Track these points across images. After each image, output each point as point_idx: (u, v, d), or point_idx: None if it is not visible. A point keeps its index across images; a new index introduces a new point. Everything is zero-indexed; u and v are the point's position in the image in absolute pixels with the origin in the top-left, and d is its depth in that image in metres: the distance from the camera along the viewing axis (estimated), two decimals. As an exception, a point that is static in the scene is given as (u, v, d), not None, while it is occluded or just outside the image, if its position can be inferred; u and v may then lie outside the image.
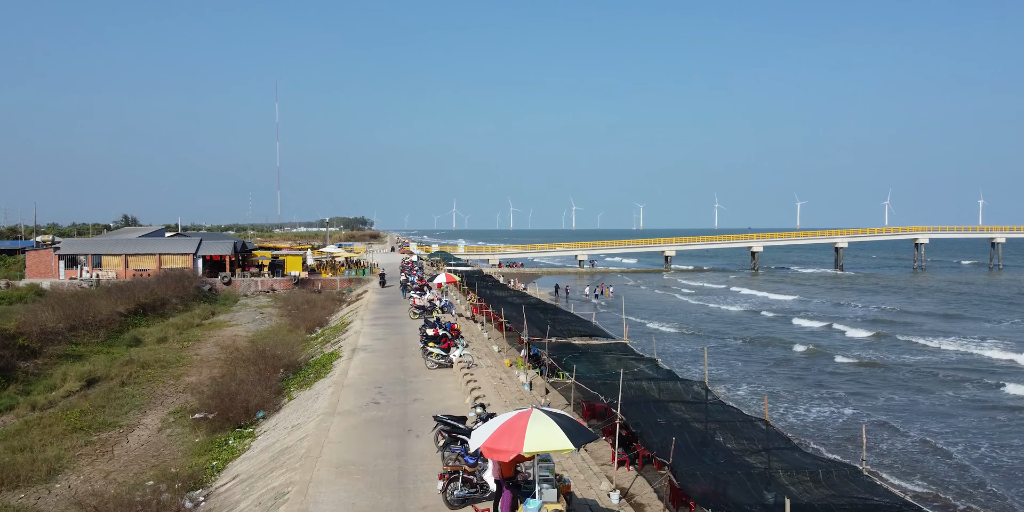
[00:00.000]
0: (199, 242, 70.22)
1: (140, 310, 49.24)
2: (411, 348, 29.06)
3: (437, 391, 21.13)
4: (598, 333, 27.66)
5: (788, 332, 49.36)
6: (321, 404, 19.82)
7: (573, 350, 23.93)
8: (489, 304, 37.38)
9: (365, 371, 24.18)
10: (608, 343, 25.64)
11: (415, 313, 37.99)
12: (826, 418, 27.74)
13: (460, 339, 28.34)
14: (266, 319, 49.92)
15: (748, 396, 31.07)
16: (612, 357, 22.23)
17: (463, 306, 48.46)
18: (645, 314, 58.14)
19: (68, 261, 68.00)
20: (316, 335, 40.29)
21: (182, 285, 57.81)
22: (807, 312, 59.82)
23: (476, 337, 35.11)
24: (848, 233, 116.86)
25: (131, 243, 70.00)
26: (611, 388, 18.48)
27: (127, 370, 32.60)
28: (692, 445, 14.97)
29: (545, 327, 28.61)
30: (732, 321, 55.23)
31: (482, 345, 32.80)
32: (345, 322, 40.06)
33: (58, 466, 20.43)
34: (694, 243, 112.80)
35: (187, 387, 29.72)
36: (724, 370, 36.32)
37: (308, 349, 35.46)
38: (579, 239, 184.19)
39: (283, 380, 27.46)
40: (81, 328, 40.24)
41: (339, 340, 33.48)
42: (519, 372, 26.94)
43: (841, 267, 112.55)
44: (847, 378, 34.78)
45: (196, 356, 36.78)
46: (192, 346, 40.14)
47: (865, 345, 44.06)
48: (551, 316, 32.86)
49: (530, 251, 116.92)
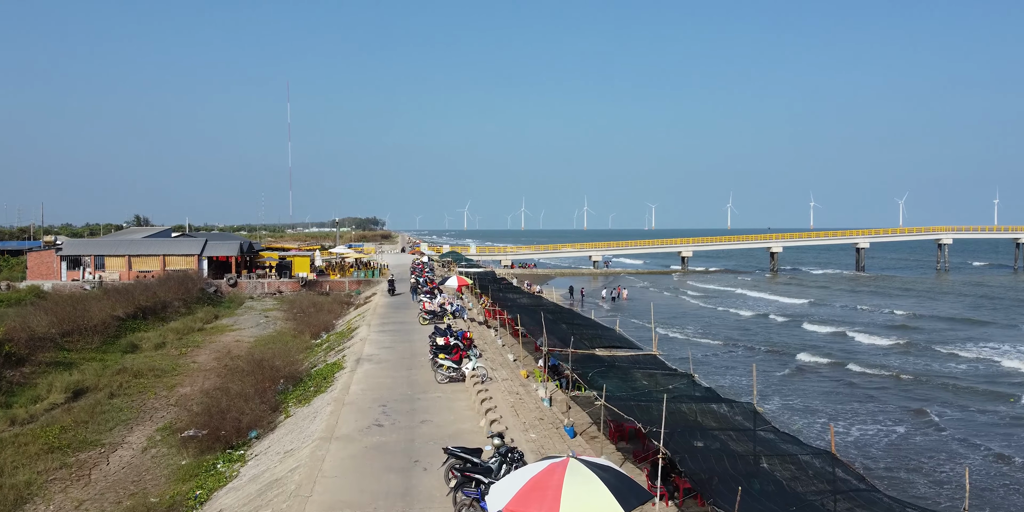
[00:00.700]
0: (204, 243, 68.32)
1: (139, 314, 47.31)
2: (420, 358, 26.87)
3: (448, 410, 18.90)
4: (624, 343, 25.35)
5: (815, 338, 46.86)
6: (318, 426, 17.63)
7: (597, 363, 21.63)
8: (504, 309, 35.15)
9: (369, 386, 21.98)
10: (636, 354, 23.31)
11: (425, 318, 35.83)
12: (872, 437, 25.35)
13: (473, 349, 26.12)
14: (270, 323, 47.87)
15: (780, 410, 28.75)
16: (643, 372, 19.92)
17: (475, 310, 46.27)
18: (664, 319, 55.72)
19: (70, 262, 66.22)
20: (321, 341, 38.19)
21: (185, 287, 55.89)
22: (833, 317, 57.19)
23: (490, 344, 32.91)
24: (870, 233, 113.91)
25: (135, 244, 68.20)
26: (646, 409, 16.24)
27: (118, 380, 30.57)
28: (739, 476, 12.75)
29: (564, 336, 26.37)
30: (753, 326, 52.76)
31: (496, 353, 30.60)
32: (351, 327, 37.94)
33: (27, 493, 18.35)
34: (711, 243, 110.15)
35: (179, 399, 27.66)
36: (748, 379, 33.92)
37: (311, 357, 33.34)
38: (591, 239, 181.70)
39: (282, 393, 25.33)
40: (75, 333, 38.27)
41: (344, 348, 31.34)
42: (537, 385, 24.72)
43: (862, 268, 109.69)
44: (888, 390, 32.34)
45: (193, 364, 34.73)
46: (190, 353, 38.11)
47: (900, 353, 41.50)
48: (569, 322, 30.58)
49: (543, 252, 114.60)
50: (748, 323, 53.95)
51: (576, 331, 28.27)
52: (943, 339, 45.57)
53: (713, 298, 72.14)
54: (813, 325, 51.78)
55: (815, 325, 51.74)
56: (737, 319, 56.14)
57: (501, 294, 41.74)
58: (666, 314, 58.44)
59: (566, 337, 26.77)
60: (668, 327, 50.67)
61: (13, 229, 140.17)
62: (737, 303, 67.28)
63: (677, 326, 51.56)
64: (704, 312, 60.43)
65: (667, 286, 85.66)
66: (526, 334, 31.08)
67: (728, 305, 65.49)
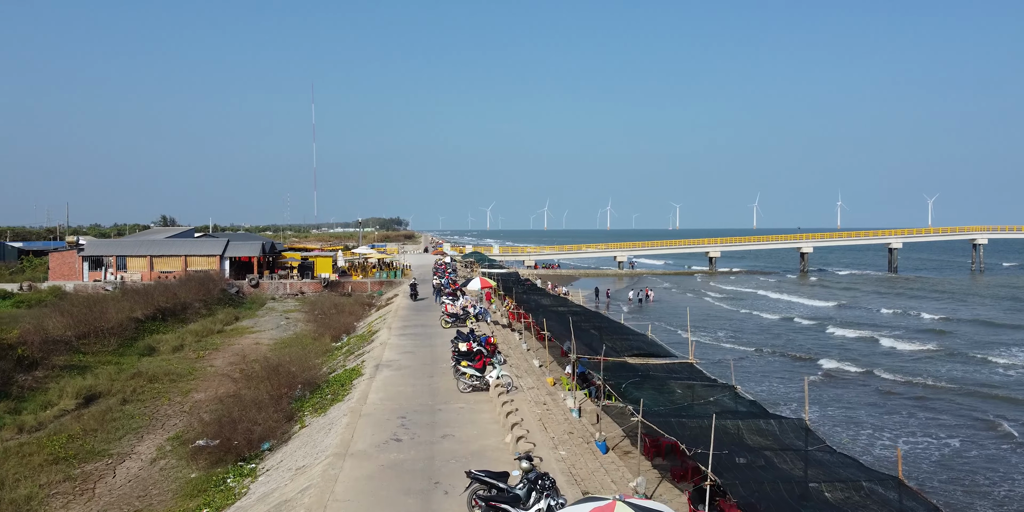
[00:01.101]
0: (226, 243, 67.75)
1: (158, 315, 46.62)
2: (441, 364, 25.66)
3: (471, 423, 17.64)
4: (657, 350, 23.92)
5: (848, 343, 45.00)
6: (332, 440, 16.45)
7: (630, 372, 20.27)
8: (528, 312, 33.85)
9: (388, 394, 20.80)
10: (670, 363, 21.88)
11: (447, 321, 34.64)
12: (923, 451, 23.74)
13: (497, 355, 24.87)
14: (291, 325, 46.98)
15: (821, 420, 27.17)
16: (681, 383, 18.51)
17: (499, 312, 45.04)
18: (692, 323, 54.08)
19: (92, 263, 65.95)
20: (341, 344, 37.15)
21: (205, 288, 55.22)
22: (866, 321, 55.23)
23: (514, 348, 31.67)
24: (903, 233, 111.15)
25: (156, 244, 67.78)
26: (687, 426, 14.89)
27: (132, 385, 29.70)
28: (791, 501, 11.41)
29: (593, 341, 25.03)
30: (783, 330, 50.99)
31: (521, 359, 29.35)
32: (372, 330, 36.85)
33: (27, 509, 17.36)
34: (740, 244, 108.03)
35: (193, 406, 26.68)
36: (785, 387, 32.38)
37: (330, 362, 32.28)
38: (614, 239, 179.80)
39: (298, 400, 24.23)
40: (91, 336, 37.55)
41: (363, 352, 30.23)
42: (564, 394, 23.42)
43: (895, 269, 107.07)
44: (933, 399, 30.58)
45: (210, 368, 33.81)
46: (208, 356, 37.24)
47: (941, 359, 39.55)
48: (597, 326, 29.21)
49: (567, 252, 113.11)
50: (778, 327, 52.19)
51: (605, 336, 26.92)
52: (985, 344, 43.58)
53: (741, 300, 70.32)
54: (846, 329, 49.92)
55: (848, 329, 49.88)
56: (767, 322, 54.39)
57: (525, 296, 40.47)
58: (693, 317, 56.83)
59: (594, 343, 25.45)
60: (695, 331, 49.08)
61: (40, 230, 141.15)
62: (766, 305, 65.43)
63: (705, 330, 49.95)
64: (732, 315, 58.70)
65: (694, 287, 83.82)
66: (551, 338, 29.79)
67: (757, 307, 63.69)
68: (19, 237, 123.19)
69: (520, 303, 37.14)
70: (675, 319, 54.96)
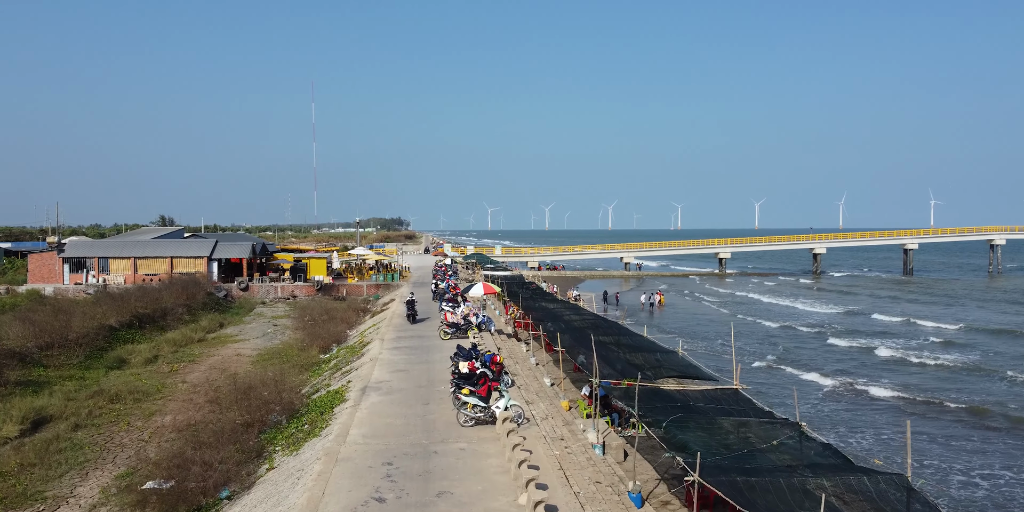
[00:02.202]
0: (214, 244, 64.25)
1: (135, 322, 43.16)
2: (439, 386, 22.18)
3: (474, 474, 14.13)
4: (694, 372, 20.42)
5: (893, 364, 41.40)
6: (298, 499, 12.95)
7: (665, 401, 16.79)
8: (537, 322, 30.34)
9: (373, 429, 17.30)
10: (712, 389, 18.39)
11: (446, 332, 31.12)
12: (1008, 491, 20.22)
13: (504, 376, 21.40)
14: (278, 333, 43.50)
15: (877, 447, 23.68)
16: (732, 420, 15.00)
17: (503, 319, 41.59)
18: (706, 332, 50.65)
19: (73, 265, 62.51)
20: (329, 357, 33.69)
21: (188, 292, 51.73)
22: (893, 330, 51.68)
23: (521, 362, 28.19)
24: (919, 233, 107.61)
25: (141, 245, 64.29)
26: (756, 487, 11.43)
27: (89, 406, 26.24)
28: None
29: (614, 359, 21.56)
30: (810, 341, 47.47)
31: (530, 375, 25.89)
32: (363, 341, 33.37)
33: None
34: (750, 244, 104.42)
35: (154, 433, 23.21)
36: (823, 411, 28.89)
37: (315, 378, 28.81)
38: (616, 240, 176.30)
39: (272, 429, 20.74)
40: (55, 347, 34.11)
41: (351, 369, 26.74)
42: (583, 422, 19.98)
43: (911, 271, 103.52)
44: (1003, 431, 27.05)
45: (182, 384, 30.33)
46: (183, 369, 33.79)
47: (994, 379, 36.02)
48: (616, 339, 25.74)
49: (571, 253, 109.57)
50: (805, 338, 48.58)
51: (628, 352, 23.46)
52: None
53: (756, 305, 66.77)
54: (876, 340, 46.35)
55: (877, 340, 46.35)
56: (791, 332, 50.82)
57: (533, 302, 37.00)
58: (705, 324, 53.31)
59: (616, 360, 21.98)
60: (712, 340, 45.59)
61: (35, 230, 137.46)
62: (785, 312, 61.81)
63: (724, 339, 46.41)
64: (752, 324, 55.16)
65: (705, 290, 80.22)
66: (562, 350, 26.37)
67: (775, 314, 60.13)
68: (12, 237, 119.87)
69: (527, 311, 33.66)
70: (693, 327, 51.46)
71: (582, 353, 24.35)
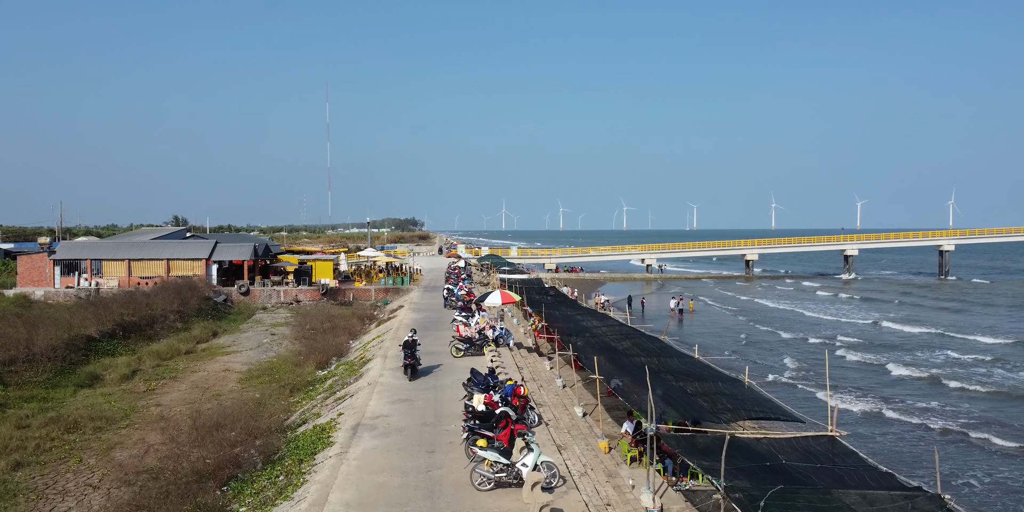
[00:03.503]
0: (214, 245, 60.47)
1: (119, 331, 39.36)
2: (448, 421, 18.06)
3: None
4: (772, 411, 16.13)
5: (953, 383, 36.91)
6: None
7: (748, 456, 12.60)
8: (565, 339, 26.13)
9: (361, 494, 13.19)
10: (801, 436, 14.16)
11: (458, 348, 26.96)
12: None
13: (528, 413, 17.32)
14: (274, 344, 39.56)
15: (993, 495, 19.39)
16: (855, 495, 10.77)
17: (522, 329, 37.49)
18: (737, 343, 46.32)
19: (65, 267, 58.95)
20: (326, 374, 29.68)
21: (182, 297, 47.92)
22: (952, 345, 47.10)
23: (546, 385, 24.06)
24: (955, 234, 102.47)
25: (136, 247, 60.63)
26: None
27: (39, 436, 22.34)
28: None
29: (669, 392, 17.34)
30: (862, 360, 43.00)
31: (557, 403, 21.78)
32: (364, 358, 29.34)
33: None
34: (779, 245, 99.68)
35: (106, 475, 19.24)
36: (915, 456, 24.54)
37: (304, 403, 24.77)
38: (630, 240, 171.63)
39: (242, 478, 16.71)
40: (20, 361, 30.31)
41: (346, 394, 22.71)
42: (626, 470, 15.90)
43: (946, 274, 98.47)
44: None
45: (156, 408, 26.37)
46: (161, 388, 29.90)
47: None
48: (660, 361, 21.53)
49: (590, 254, 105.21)
50: (856, 355, 44.16)
51: (681, 380, 19.20)
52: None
53: (792, 314, 62.24)
54: (938, 355, 41.86)
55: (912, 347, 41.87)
56: (839, 347, 46.40)
57: (556, 311, 32.82)
58: (738, 332, 48.94)
59: (670, 389, 17.77)
60: (752, 353, 41.27)
61: (44, 230, 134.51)
62: (828, 324, 57.21)
63: (771, 353, 42.02)
64: (797, 339, 50.72)
65: (735, 296, 75.72)
66: (600, 378, 22.24)
67: (816, 326, 55.58)
68: (18, 237, 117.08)
69: (551, 321, 29.52)
70: (731, 336, 47.09)
71: (617, 375, 20.28)
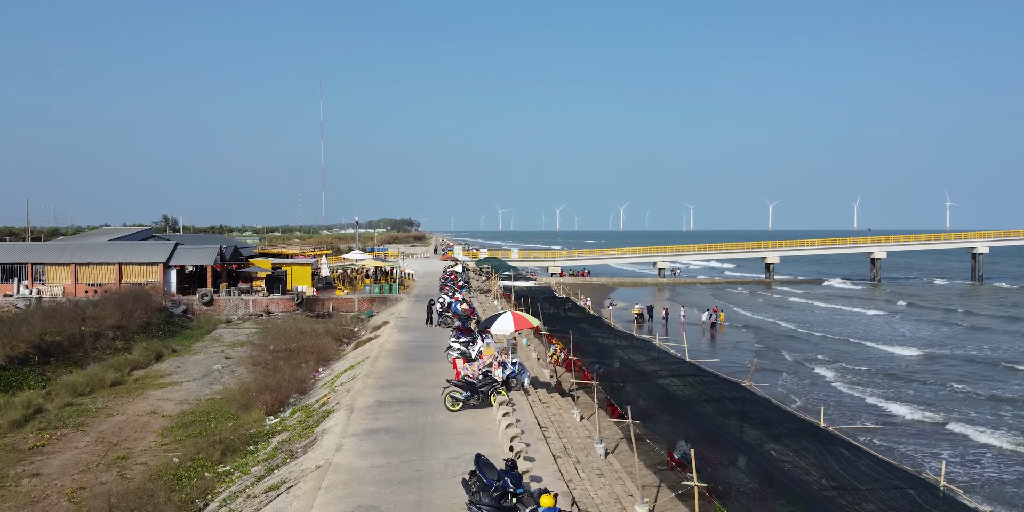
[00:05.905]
0: (173, 247, 52.72)
1: (35, 355, 31.71)
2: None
3: None
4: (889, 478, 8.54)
5: None
6: None
7: None
8: (607, 386, 18.37)
9: None
10: None
11: (455, 399, 19.05)
12: None
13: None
14: (225, 372, 31.92)
15: None
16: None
17: (534, 353, 29.96)
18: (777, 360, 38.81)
19: (3, 273, 51.23)
20: (274, 424, 22.04)
21: (124, 309, 40.16)
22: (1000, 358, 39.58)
23: (579, 452, 16.35)
24: (989, 236, 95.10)
25: (84, 249, 52.84)
26: None
27: None
28: None
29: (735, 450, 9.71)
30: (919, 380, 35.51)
31: (602, 486, 14.14)
32: (326, 405, 21.65)
33: None
34: (801, 248, 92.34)
35: None
36: None
37: (231, 480, 17.08)
38: (627, 241, 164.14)
39: None
40: None
41: (281, 483, 14.96)
42: None
43: (980, 278, 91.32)
44: None
45: (29, 481, 18.65)
46: (56, 441, 22.22)
47: None
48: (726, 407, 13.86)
49: (597, 256, 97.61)
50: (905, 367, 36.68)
51: (772, 441, 11.64)
52: None
53: (855, 331, 54.80)
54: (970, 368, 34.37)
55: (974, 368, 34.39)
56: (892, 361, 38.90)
57: (583, 336, 25.07)
58: (771, 344, 41.37)
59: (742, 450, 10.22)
60: (809, 368, 33.70)
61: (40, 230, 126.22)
62: (903, 337, 49.81)
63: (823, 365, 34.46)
64: (839, 347, 43.19)
65: (760, 302, 68.22)
66: (670, 453, 14.67)
67: (894, 338, 48.19)
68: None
69: (582, 356, 21.88)
70: (778, 354, 39.49)
71: (681, 435, 13.00)
